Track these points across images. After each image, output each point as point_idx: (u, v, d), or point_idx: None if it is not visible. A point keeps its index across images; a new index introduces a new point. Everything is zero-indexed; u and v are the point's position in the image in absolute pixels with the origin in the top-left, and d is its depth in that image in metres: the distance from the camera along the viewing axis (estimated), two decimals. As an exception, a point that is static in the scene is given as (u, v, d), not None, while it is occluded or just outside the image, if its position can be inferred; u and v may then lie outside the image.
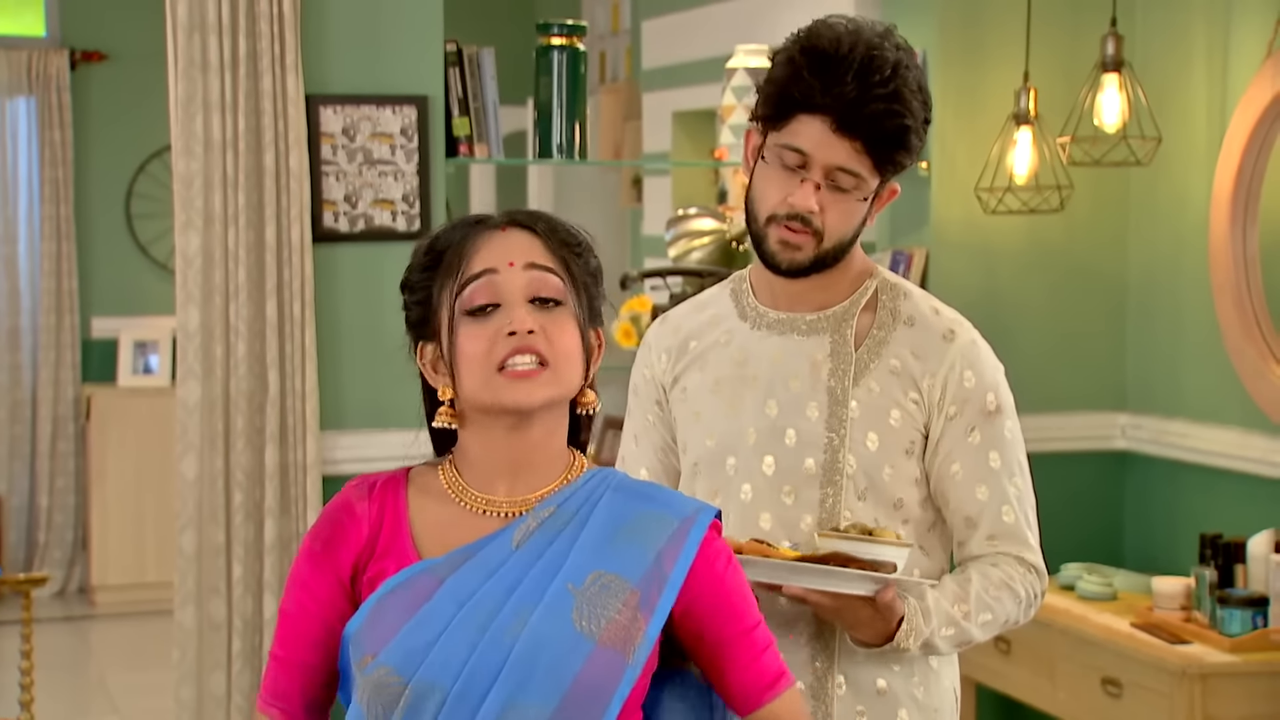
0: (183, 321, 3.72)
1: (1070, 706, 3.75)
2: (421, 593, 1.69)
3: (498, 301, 1.71)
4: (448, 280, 1.72)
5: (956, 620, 2.07)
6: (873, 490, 2.11)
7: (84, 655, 6.76)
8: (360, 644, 1.70)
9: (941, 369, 2.11)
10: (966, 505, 2.12)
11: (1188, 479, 4.17)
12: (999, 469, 2.11)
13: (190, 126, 3.69)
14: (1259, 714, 3.43)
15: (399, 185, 3.83)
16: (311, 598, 1.75)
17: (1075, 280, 4.33)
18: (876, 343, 2.13)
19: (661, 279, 4.39)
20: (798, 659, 2.12)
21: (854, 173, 2.07)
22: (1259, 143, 3.82)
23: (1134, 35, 4.15)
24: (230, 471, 3.73)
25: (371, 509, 1.76)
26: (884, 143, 2.06)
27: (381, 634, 1.69)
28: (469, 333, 1.70)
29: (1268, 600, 3.52)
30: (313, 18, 3.76)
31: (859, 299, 2.15)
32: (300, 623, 1.76)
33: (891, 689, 2.12)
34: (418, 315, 1.76)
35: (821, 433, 2.11)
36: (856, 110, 2.03)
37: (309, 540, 1.77)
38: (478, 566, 1.70)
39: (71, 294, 7.57)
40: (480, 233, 1.74)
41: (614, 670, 1.67)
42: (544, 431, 1.74)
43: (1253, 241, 3.89)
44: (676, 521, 1.74)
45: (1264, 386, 3.84)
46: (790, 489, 2.12)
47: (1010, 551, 2.12)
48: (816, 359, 2.13)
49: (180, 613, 3.72)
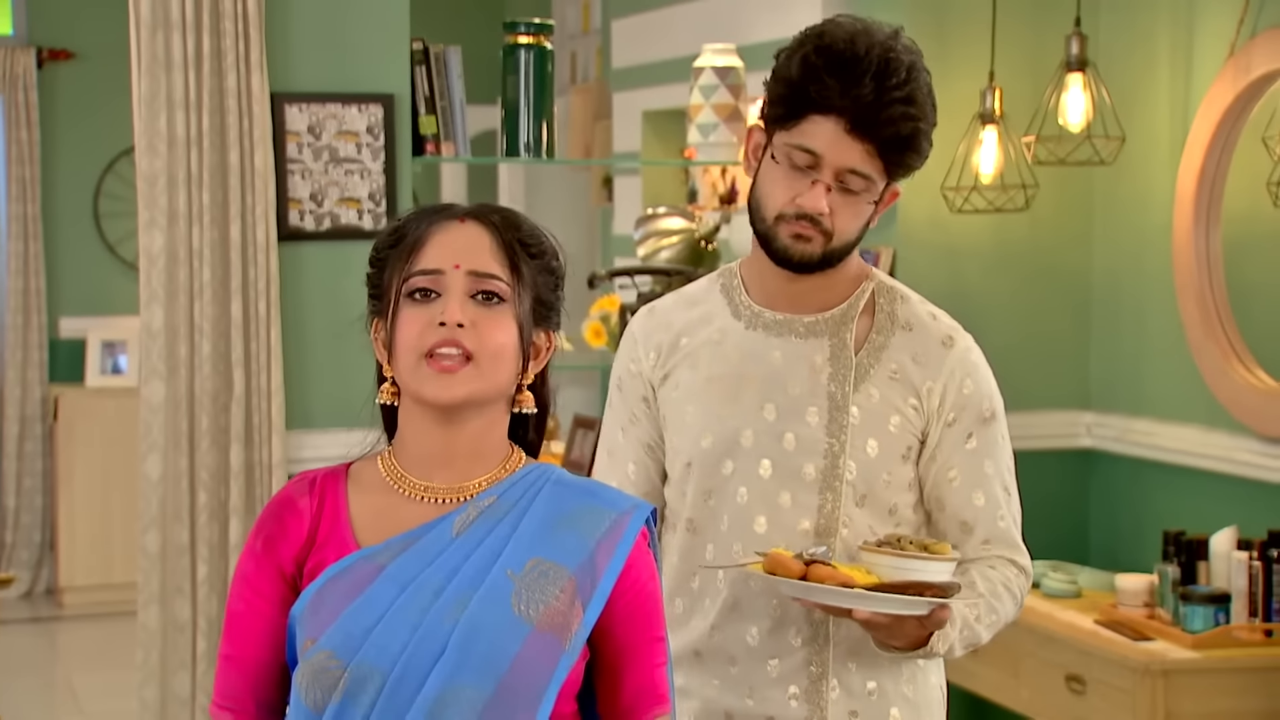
0: (147, 320, 3.70)
1: (1035, 704, 3.76)
2: (362, 579, 1.71)
3: (439, 291, 1.73)
4: (399, 263, 1.75)
5: (970, 623, 2.08)
6: (870, 497, 2.10)
7: (50, 656, 6.74)
8: (302, 629, 1.71)
9: (941, 376, 2.11)
10: (963, 511, 2.12)
11: (1152, 477, 4.19)
12: (993, 475, 2.12)
13: (154, 124, 3.68)
14: (1220, 710, 3.45)
15: (365, 184, 3.83)
16: (257, 594, 1.76)
17: (1040, 279, 4.35)
18: (876, 347, 2.12)
19: (629, 278, 4.40)
20: (793, 662, 2.12)
21: (865, 175, 2.05)
22: (1221, 142, 3.85)
23: (1098, 35, 4.17)
24: (195, 471, 3.72)
25: (312, 503, 1.77)
26: (897, 146, 2.04)
27: (322, 619, 1.70)
28: (407, 316, 1.72)
29: (1229, 597, 3.54)
30: (278, 15, 3.75)
31: (856, 302, 2.13)
32: (248, 620, 1.77)
33: (882, 689, 2.13)
34: (372, 295, 1.79)
35: (821, 438, 2.10)
36: (873, 113, 2.01)
37: (252, 538, 1.78)
38: (418, 553, 1.72)
39: (39, 293, 7.54)
40: (439, 222, 1.76)
41: (551, 654, 1.68)
42: (477, 426, 1.75)
43: (1215, 241, 3.91)
44: (614, 515, 1.75)
45: (1226, 385, 3.86)
46: (788, 493, 2.10)
47: (1004, 555, 2.13)
48: (816, 362, 2.11)
49: (144, 613, 3.71)
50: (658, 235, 4.65)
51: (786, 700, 2.11)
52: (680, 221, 4.62)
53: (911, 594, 1.95)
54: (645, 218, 4.72)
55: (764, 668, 2.12)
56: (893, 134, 2.02)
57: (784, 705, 2.12)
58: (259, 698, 1.78)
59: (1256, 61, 3.71)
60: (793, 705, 2.11)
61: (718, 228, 4.67)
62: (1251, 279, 3.87)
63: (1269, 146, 3.70)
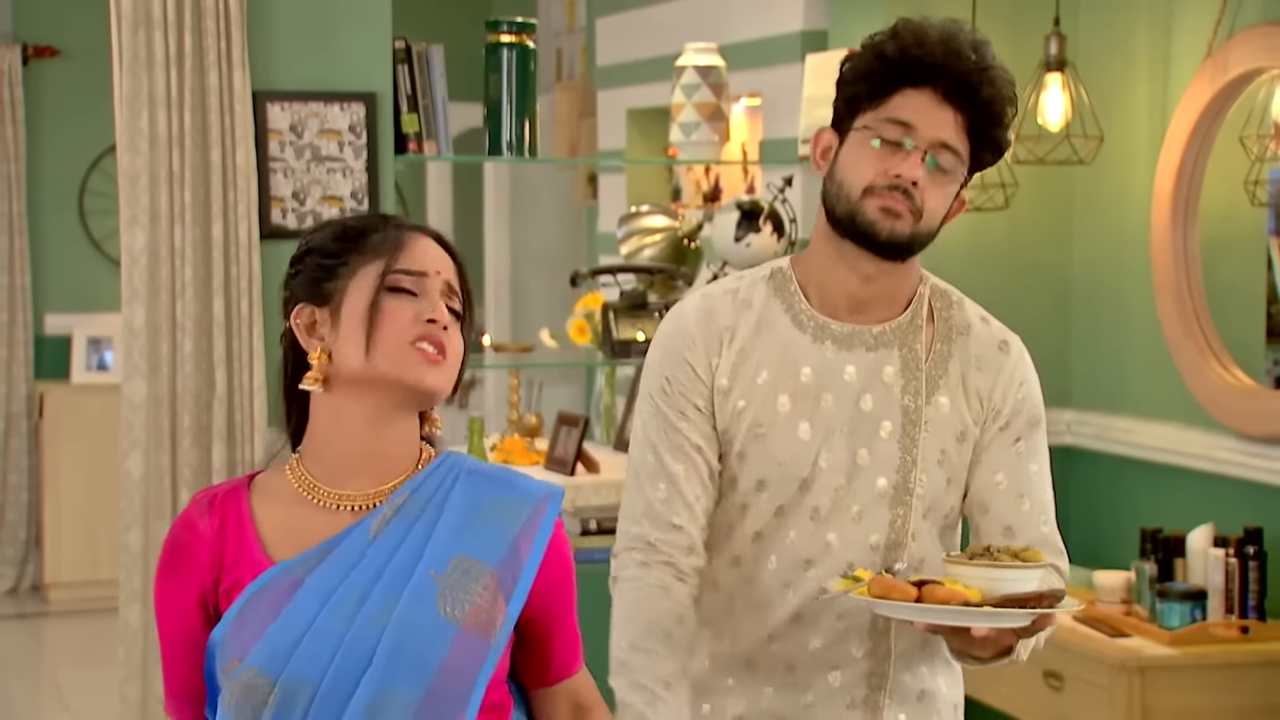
0: (128, 319, 3.71)
1: (1013, 700, 3.78)
2: (282, 594, 1.72)
3: (419, 292, 1.78)
4: (373, 261, 1.76)
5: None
6: (934, 508, 2.09)
7: (36, 653, 6.74)
8: (226, 650, 1.72)
9: (1001, 380, 2.09)
10: (1008, 515, 2.09)
11: (1130, 474, 4.21)
12: (1037, 479, 2.10)
13: (136, 123, 3.68)
14: (1196, 706, 3.47)
15: (347, 182, 3.84)
16: (170, 618, 1.79)
17: (1020, 277, 4.37)
18: (941, 356, 2.09)
19: (613, 276, 4.41)
20: (855, 674, 2.10)
21: (955, 150, 2.02)
22: (1199, 142, 3.87)
23: (1076, 36, 4.19)
24: (177, 469, 3.72)
25: (213, 523, 1.76)
26: (988, 118, 2.02)
27: (246, 638, 1.71)
28: (393, 306, 1.75)
29: (1206, 594, 3.56)
30: (260, 14, 3.76)
31: (919, 309, 2.10)
32: (170, 637, 1.80)
33: (929, 693, 2.13)
34: (314, 280, 1.78)
35: (895, 453, 2.06)
36: (966, 79, 2.00)
37: (160, 564, 1.79)
38: (337, 561, 1.73)
39: (24, 290, 7.53)
40: (412, 232, 1.81)
41: (477, 653, 1.71)
42: (408, 427, 1.79)
43: (1193, 240, 3.93)
44: (531, 505, 1.78)
45: (1203, 383, 3.88)
46: (859, 508, 2.07)
47: (1049, 560, 2.06)
48: (888, 375, 2.07)
49: (125, 611, 3.72)
50: (641, 233, 4.67)
51: (843, 710, 2.11)
52: (663, 220, 4.64)
53: (1030, 605, 1.91)
54: (629, 216, 4.74)
55: (825, 678, 2.10)
56: (986, 101, 2.01)
57: (841, 714, 2.11)
58: (202, 700, 1.81)
59: (1233, 61, 3.73)
60: (849, 715, 2.11)
61: (700, 226, 4.69)
62: (1229, 278, 3.90)
63: (1246, 146, 3.73)
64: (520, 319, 7.49)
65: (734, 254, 4.21)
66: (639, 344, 4.14)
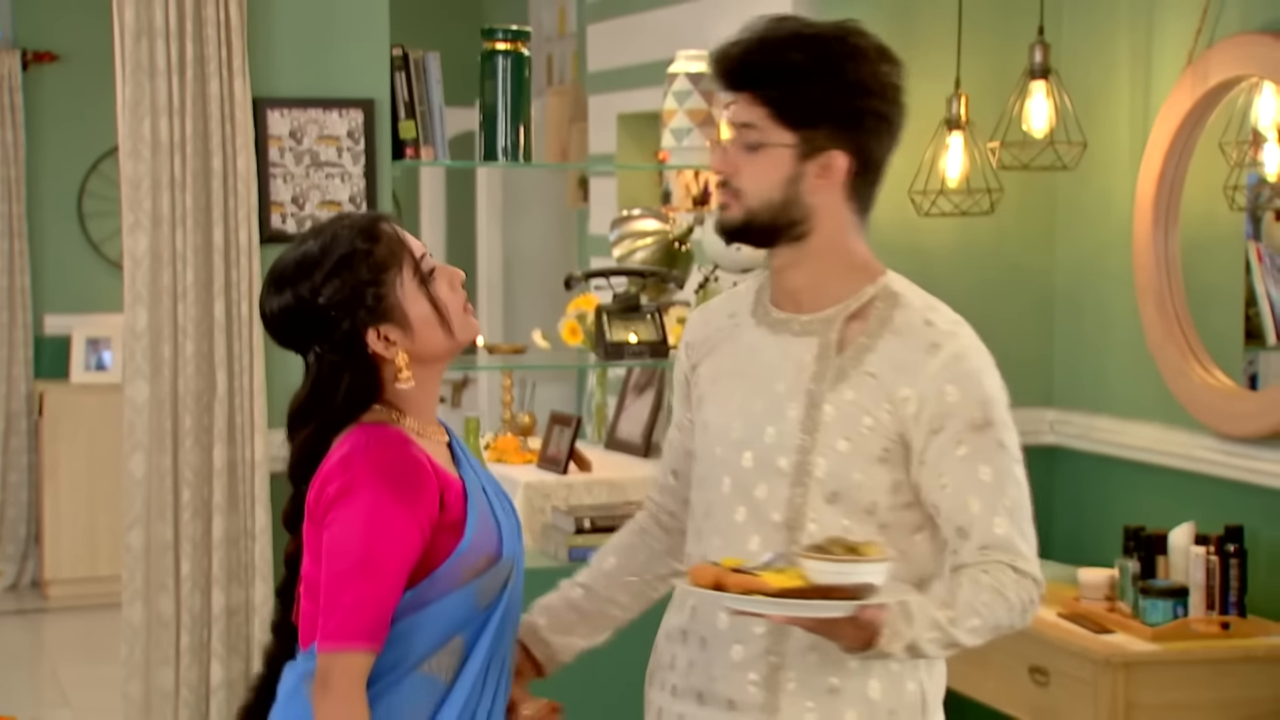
0: (130, 321, 3.74)
1: (999, 695, 3.79)
2: (481, 502, 2.15)
3: (431, 267, 2.19)
4: (395, 267, 2.12)
5: (941, 625, 2.05)
6: (842, 495, 2.12)
7: (36, 648, 6.78)
8: (475, 550, 2.11)
9: (919, 383, 2.09)
10: (958, 516, 2.10)
11: (1113, 473, 4.24)
12: (990, 481, 2.09)
13: (138, 129, 3.72)
14: (1178, 700, 3.48)
15: (346, 187, 3.87)
16: (403, 543, 2.06)
17: (1005, 280, 4.40)
18: (860, 350, 2.13)
19: (605, 279, 4.46)
20: (755, 650, 2.15)
21: (750, 124, 2.12)
22: (1180, 148, 3.90)
23: (1060, 43, 4.23)
24: (179, 469, 3.75)
25: (425, 456, 2.11)
26: (769, 85, 2.10)
27: (490, 537, 2.14)
28: (438, 292, 2.15)
29: (1188, 591, 3.58)
30: (259, 22, 3.80)
31: (850, 304, 2.15)
32: (397, 564, 2.05)
33: (843, 688, 2.13)
34: (371, 308, 2.11)
35: (795, 434, 2.13)
36: (735, 60, 2.12)
37: (391, 496, 2.05)
38: (476, 471, 2.21)
39: (24, 291, 7.58)
40: (386, 226, 2.16)
41: None
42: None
43: (1174, 244, 3.97)
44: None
45: (1185, 384, 3.92)
46: (765, 485, 2.14)
47: (1002, 559, 2.09)
48: (802, 361, 2.15)
49: (128, 609, 3.74)
50: (633, 236, 4.72)
51: (746, 686, 2.15)
52: (655, 223, 4.69)
53: (817, 598, 1.95)
54: (620, 219, 4.79)
55: (729, 652, 2.16)
56: (758, 75, 2.10)
57: (743, 690, 2.15)
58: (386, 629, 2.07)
59: (1214, 70, 3.77)
60: (750, 691, 2.15)
61: (691, 229, 4.74)
62: (1209, 281, 3.93)
63: (1225, 152, 3.77)
64: (513, 320, 7.53)
65: (724, 257, 4.26)
66: (631, 345, 4.20)
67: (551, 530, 4.18)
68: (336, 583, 2.03)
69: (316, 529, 2.10)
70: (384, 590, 2.03)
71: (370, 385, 2.12)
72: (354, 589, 2.02)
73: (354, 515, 2.04)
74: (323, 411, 2.12)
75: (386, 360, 2.13)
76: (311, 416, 2.13)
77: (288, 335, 2.15)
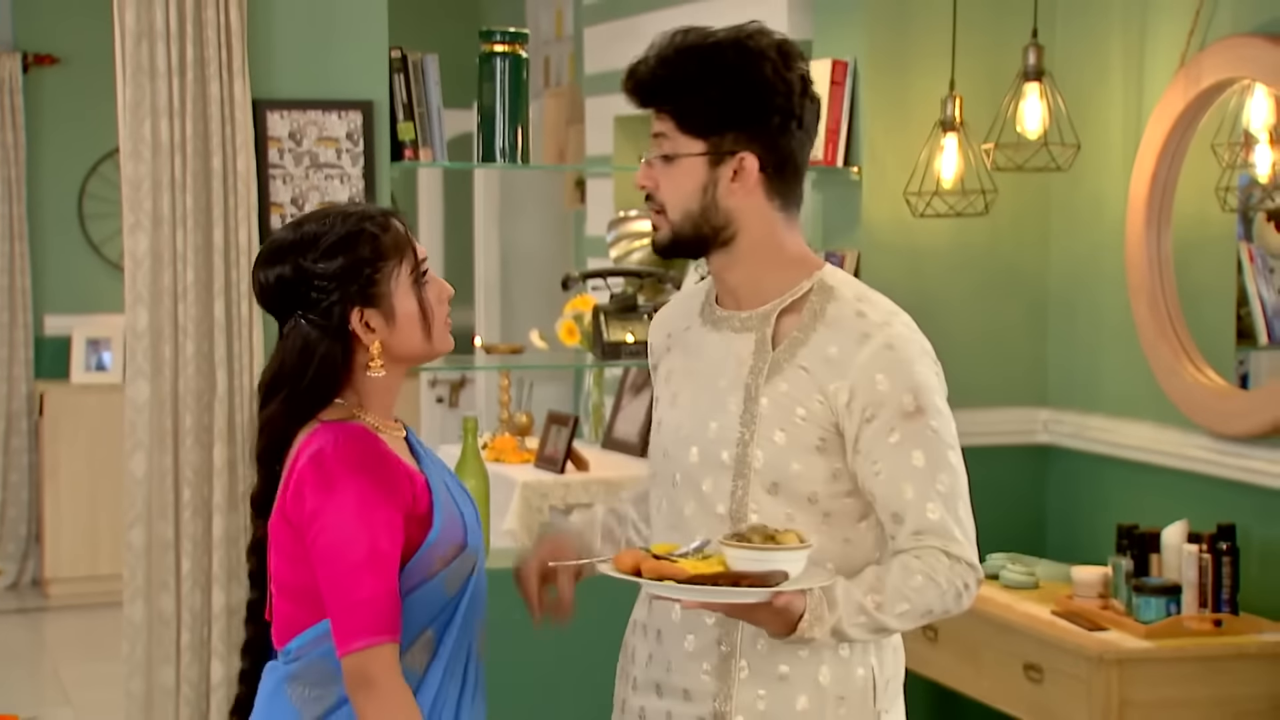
0: (131, 322, 3.75)
1: (994, 692, 3.80)
2: (443, 493, 2.18)
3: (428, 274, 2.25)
4: (396, 260, 2.17)
5: (868, 610, 2.09)
6: (783, 486, 2.16)
7: (38, 647, 6.80)
8: (443, 541, 2.14)
9: (851, 373, 2.13)
10: (892, 503, 2.14)
11: (1106, 472, 4.26)
12: (923, 467, 2.12)
13: (139, 131, 3.73)
14: (1171, 697, 3.49)
15: (345, 188, 3.88)
16: (393, 536, 2.09)
17: (999, 281, 4.41)
18: (794, 343, 2.18)
19: (602, 279, 4.49)
20: (706, 640, 2.20)
21: (660, 134, 2.18)
22: (1172, 150, 3.92)
23: (1054, 45, 4.24)
24: (179, 468, 3.76)
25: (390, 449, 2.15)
26: (672, 97, 2.15)
27: (455, 528, 2.17)
28: (428, 297, 2.20)
29: (1180, 588, 3.59)
30: (259, 24, 3.81)
31: (785, 299, 2.20)
32: (393, 555, 2.08)
33: (793, 675, 2.17)
34: (362, 288, 2.14)
35: (735, 427, 2.18)
36: (640, 79, 2.18)
37: (374, 492, 2.08)
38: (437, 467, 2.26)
39: (25, 292, 7.61)
40: (395, 222, 2.20)
41: None
42: None
43: (1166, 245, 3.99)
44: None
45: (1177, 384, 3.94)
46: (710, 479, 2.19)
47: (935, 545, 2.12)
48: (741, 356, 2.20)
49: (129, 607, 3.75)
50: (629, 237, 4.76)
51: (699, 675, 2.20)
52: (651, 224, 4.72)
53: (727, 584, 1.99)
54: (617, 220, 4.83)
55: (683, 643, 2.22)
56: (655, 87, 2.16)
57: (697, 679, 2.20)
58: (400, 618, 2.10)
59: (1206, 72, 3.78)
60: (704, 680, 2.20)
61: (688, 230, 4.76)
62: (1201, 281, 3.94)
63: (1217, 153, 3.79)
64: (510, 321, 7.55)
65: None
66: (629, 345, 4.23)
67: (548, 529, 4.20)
68: (345, 581, 2.03)
69: (293, 531, 2.09)
70: (392, 580, 2.07)
71: (341, 364, 2.15)
72: (366, 584, 2.03)
73: (344, 512, 2.04)
74: (292, 383, 2.14)
75: (361, 346, 2.15)
76: (281, 386, 2.15)
77: (278, 304, 2.18)
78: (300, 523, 2.07)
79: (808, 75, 2.21)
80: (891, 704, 2.26)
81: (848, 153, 4.34)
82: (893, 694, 2.26)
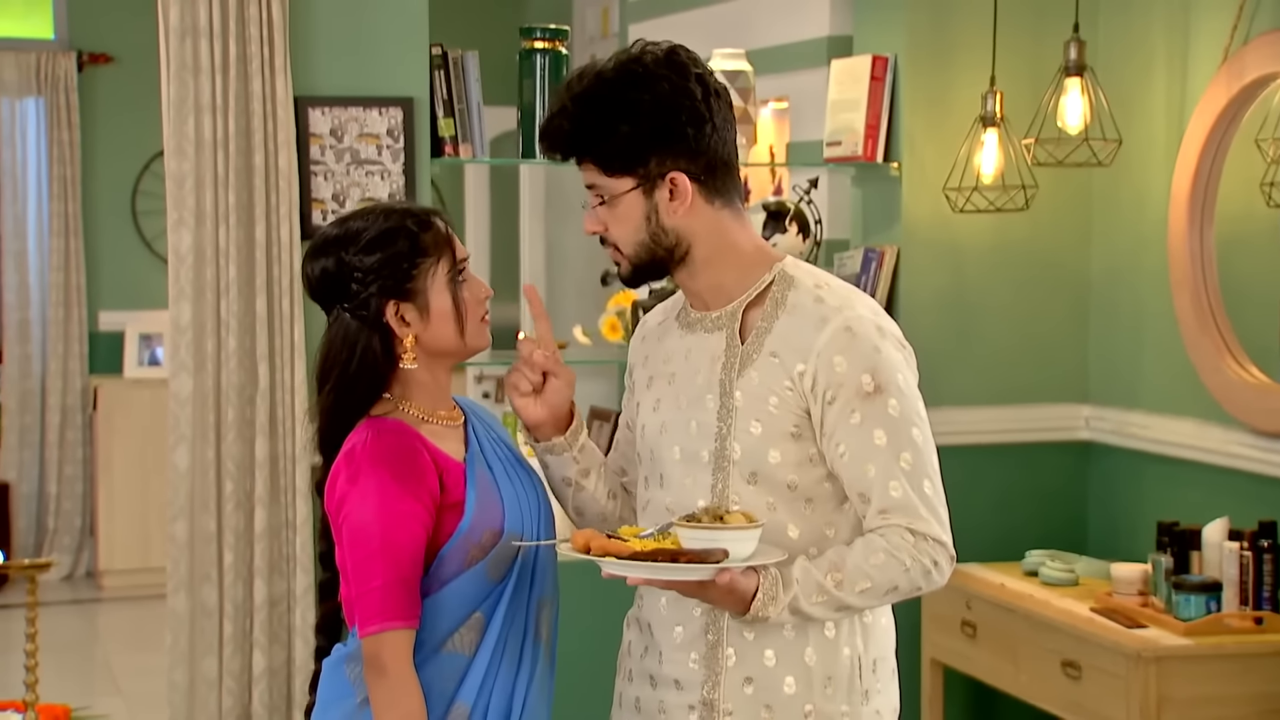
0: (175, 316, 3.79)
1: (1032, 688, 3.81)
2: (484, 478, 2.23)
3: (468, 273, 2.30)
4: (435, 257, 2.23)
5: (827, 588, 2.13)
6: (762, 475, 2.19)
7: (90, 637, 6.89)
8: (477, 529, 2.18)
9: (811, 356, 2.17)
10: (858, 483, 2.17)
11: (1147, 469, 4.24)
12: (885, 446, 2.15)
13: (182, 128, 3.77)
14: (1210, 695, 3.49)
15: (385, 185, 3.91)
16: (415, 527, 2.15)
17: (1040, 276, 4.40)
18: (760, 334, 2.22)
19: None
20: (693, 629, 2.24)
21: (591, 184, 2.23)
22: (1215, 144, 3.90)
23: (1096, 40, 4.23)
24: (221, 462, 3.80)
25: (421, 445, 2.20)
26: (585, 149, 2.19)
27: (493, 513, 2.21)
28: (465, 296, 2.25)
29: (1221, 586, 3.58)
30: (301, 21, 3.85)
31: (750, 294, 2.25)
32: (414, 545, 2.14)
33: (779, 658, 2.21)
34: (399, 282, 2.21)
35: (713, 423, 2.22)
36: (554, 138, 2.21)
37: (395, 483, 2.14)
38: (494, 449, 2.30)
39: (79, 288, 7.72)
40: (439, 222, 2.27)
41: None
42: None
43: (1209, 240, 3.97)
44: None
45: (1219, 380, 3.92)
46: (691, 476, 2.24)
47: (900, 522, 2.14)
48: (715, 354, 2.25)
49: (173, 599, 3.80)
50: (671, 233, 4.76)
51: (688, 664, 2.24)
52: (693, 220, 4.72)
53: (662, 560, 2.04)
54: (659, 216, 4.83)
55: (671, 633, 2.26)
56: (567, 144, 2.20)
57: (686, 668, 2.25)
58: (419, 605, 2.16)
59: (1250, 66, 3.76)
60: (693, 668, 2.24)
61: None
62: (1244, 277, 3.92)
63: (1262, 148, 3.75)
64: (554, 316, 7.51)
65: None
66: (668, 341, 4.24)
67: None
68: (363, 568, 2.14)
69: (334, 519, 2.22)
70: (407, 568, 2.14)
71: (382, 355, 2.22)
72: (380, 572, 2.12)
73: (364, 502, 2.14)
74: (340, 370, 2.22)
75: (399, 339, 2.22)
76: (330, 373, 2.23)
77: (323, 295, 2.27)
78: (331, 511, 2.21)
79: (704, 72, 2.22)
80: (885, 684, 2.29)
81: (888, 148, 4.34)
82: (883, 674, 2.29)
